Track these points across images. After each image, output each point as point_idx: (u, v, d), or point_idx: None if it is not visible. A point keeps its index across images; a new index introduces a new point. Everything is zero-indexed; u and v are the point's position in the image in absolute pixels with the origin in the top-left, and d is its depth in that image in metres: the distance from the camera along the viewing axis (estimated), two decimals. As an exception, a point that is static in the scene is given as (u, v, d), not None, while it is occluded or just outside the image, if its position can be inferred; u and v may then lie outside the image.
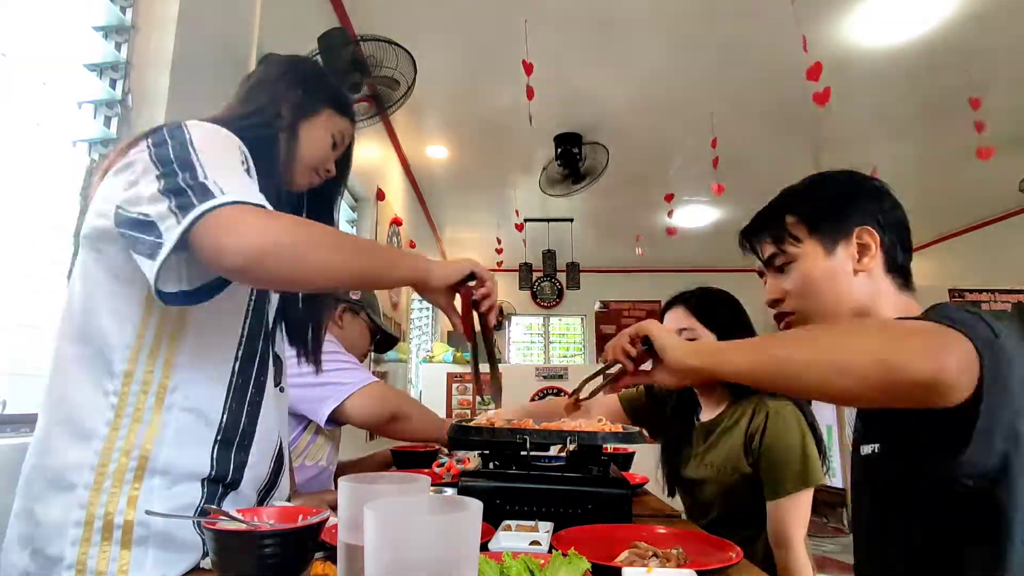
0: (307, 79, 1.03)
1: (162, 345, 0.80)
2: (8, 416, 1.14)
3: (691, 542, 0.89)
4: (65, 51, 1.33)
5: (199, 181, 0.71)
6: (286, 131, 0.97)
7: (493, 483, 1.06)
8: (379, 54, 2.41)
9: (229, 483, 0.84)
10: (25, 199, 1.26)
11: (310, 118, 1.01)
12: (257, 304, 0.91)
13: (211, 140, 0.79)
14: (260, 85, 1.01)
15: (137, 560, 0.73)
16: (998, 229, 5.67)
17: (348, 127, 1.08)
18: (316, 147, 1.02)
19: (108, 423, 0.76)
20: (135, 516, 0.74)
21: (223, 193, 0.70)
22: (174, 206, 0.70)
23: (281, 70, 1.03)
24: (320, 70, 1.11)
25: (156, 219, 0.71)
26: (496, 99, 3.65)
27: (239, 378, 0.87)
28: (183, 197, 0.70)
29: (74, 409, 0.77)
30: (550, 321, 8.05)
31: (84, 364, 0.78)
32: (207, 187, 0.71)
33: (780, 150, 4.30)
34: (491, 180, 5.03)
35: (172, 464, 0.78)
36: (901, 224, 0.94)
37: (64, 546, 0.72)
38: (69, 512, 0.73)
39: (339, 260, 0.77)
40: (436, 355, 5.62)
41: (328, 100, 1.04)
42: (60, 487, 0.74)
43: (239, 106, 0.98)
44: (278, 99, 0.98)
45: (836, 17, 2.88)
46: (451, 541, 0.42)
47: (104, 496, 0.74)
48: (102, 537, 0.73)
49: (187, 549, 0.78)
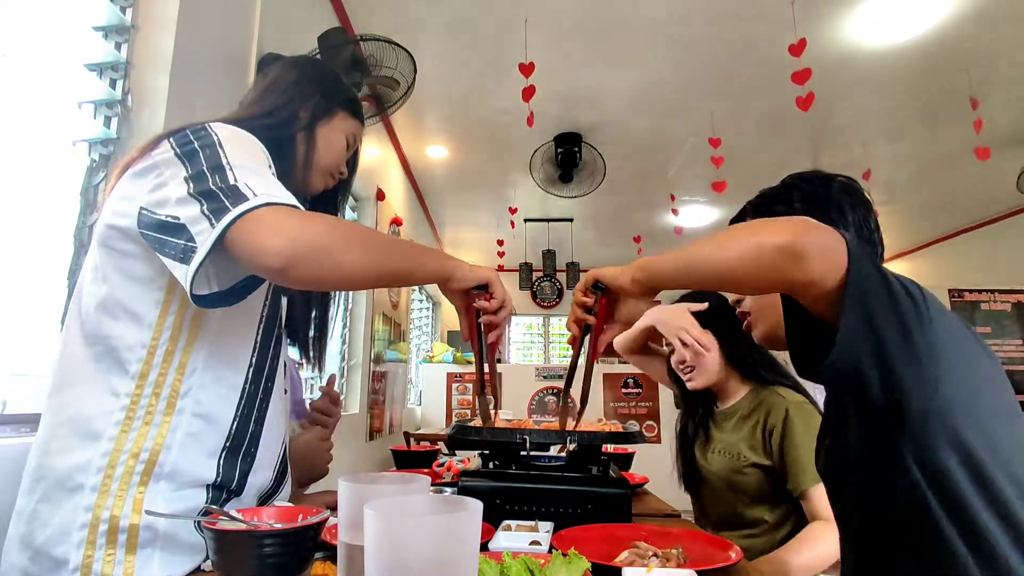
0: (323, 81, 1.03)
1: (177, 348, 0.80)
2: (8, 416, 1.14)
3: (691, 542, 0.89)
4: (65, 51, 1.33)
5: (231, 184, 0.71)
6: (304, 133, 0.97)
7: (493, 483, 1.06)
8: (379, 54, 2.41)
9: (233, 490, 0.83)
10: (25, 199, 1.26)
11: (326, 121, 1.01)
12: (271, 311, 0.91)
13: (238, 141, 0.79)
14: (276, 85, 1.00)
15: (142, 563, 0.73)
16: (997, 229, 5.67)
17: (359, 129, 1.08)
18: (333, 150, 1.02)
19: (118, 424, 0.75)
20: (140, 520, 0.74)
21: (255, 195, 0.70)
22: (207, 210, 0.70)
23: (297, 72, 1.02)
24: (335, 72, 1.11)
25: (187, 222, 0.71)
26: (496, 99, 3.65)
27: (251, 385, 0.87)
28: (216, 201, 0.70)
29: (82, 409, 0.76)
30: (550, 321, 8.05)
31: (94, 365, 0.77)
32: (239, 190, 0.71)
33: (780, 150, 4.31)
34: (491, 180, 5.04)
35: (179, 469, 0.77)
36: (863, 225, 0.91)
37: (69, 548, 0.71)
38: (75, 514, 0.73)
39: (374, 260, 0.77)
40: (436, 355, 5.62)
41: (342, 102, 1.04)
42: (66, 488, 0.73)
43: (256, 106, 0.97)
44: (295, 101, 0.98)
45: (836, 17, 2.89)
46: (451, 541, 0.42)
47: (110, 499, 0.73)
48: (107, 540, 0.72)
49: (191, 551, 0.78)
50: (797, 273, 0.67)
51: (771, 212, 0.96)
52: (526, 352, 8.11)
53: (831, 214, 0.90)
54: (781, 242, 0.67)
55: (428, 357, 5.71)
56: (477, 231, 6.38)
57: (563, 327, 8.07)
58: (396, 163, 4.41)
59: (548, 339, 8.07)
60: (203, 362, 0.81)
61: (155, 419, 0.77)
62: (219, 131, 0.79)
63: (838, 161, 4.36)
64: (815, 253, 0.67)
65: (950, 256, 6.28)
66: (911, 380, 0.68)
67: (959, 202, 5.39)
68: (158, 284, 0.78)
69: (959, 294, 4.95)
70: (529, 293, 7.47)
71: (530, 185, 4.59)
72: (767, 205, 0.98)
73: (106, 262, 0.80)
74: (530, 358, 8.00)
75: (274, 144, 0.88)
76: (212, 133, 0.78)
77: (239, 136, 0.81)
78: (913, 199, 5.27)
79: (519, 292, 7.14)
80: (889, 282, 0.69)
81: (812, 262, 0.66)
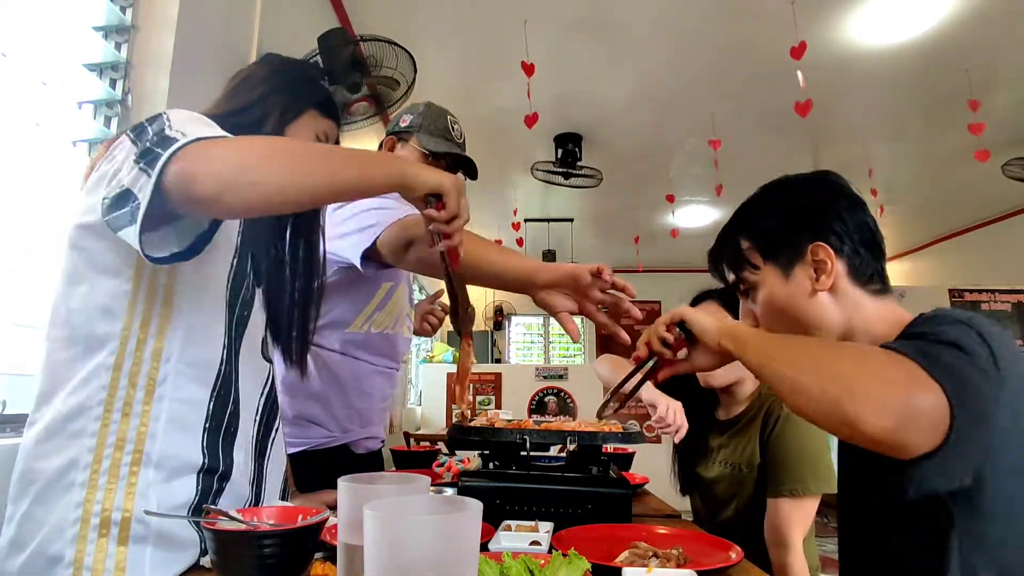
0: (293, 82, 1.03)
1: (149, 336, 0.80)
2: (8, 416, 1.14)
3: (691, 542, 0.89)
4: (65, 51, 1.33)
5: (164, 136, 0.71)
6: (271, 131, 0.97)
7: (493, 483, 1.06)
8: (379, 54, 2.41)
9: (222, 474, 0.84)
10: (25, 199, 1.26)
11: (295, 120, 1.00)
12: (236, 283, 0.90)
13: (189, 119, 0.79)
14: (247, 84, 1.01)
15: (135, 558, 0.73)
16: (998, 229, 5.67)
17: (332, 128, 1.07)
18: None
19: (98, 419, 0.76)
20: (133, 512, 0.74)
21: (185, 136, 0.70)
22: (143, 165, 0.70)
23: (268, 71, 1.03)
24: (308, 73, 1.10)
25: (130, 185, 0.71)
26: (496, 99, 3.65)
27: (226, 366, 0.87)
28: (150, 155, 0.70)
29: (64, 409, 0.76)
30: (550, 321, 8.04)
31: (73, 364, 0.78)
32: (170, 137, 0.71)
33: (780, 150, 4.31)
34: (491, 180, 5.03)
35: (165, 455, 0.78)
36: (864, 226, 0.87)
37: (64, 545, 0.72)
38: (68, 511, 0.73)
39: (312, 171, 0.75)
40: (436, 355, 5.62)
41: (313, 103, 1.03)
42: (59, 487, 0.74)
43: (224, 103, 0.98)
44: (264, 100, 0.98)
45: (836, 17, 2.88)
46: (451, 541, 0.42)
47: (100, 492, 0.74)
48: (99, 534, 0.72)
49: (185, 547, 0.78)
50: (897, 455, 0.66)
51: (760, 231, 0.92)
52: (526, 352, 8.10)
53: (833, 225, 0.87)
54: (876, 435, 0.64)
55: (428, 357, 5.71)
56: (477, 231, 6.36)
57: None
58: (396, 163, 4.40)
59: (548, 339, 8.06)
60: (178, 347, 0.81)
61: (135, 409, 0.77)
62: (172, 112, 0.78)
63: (838, 161, 4.36)
64: (926, 439, 0.64)
65: (950, 256, 6.27)
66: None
67: (959, 202, 5.38)
68: (127, 275, 0.79)
69: (959, 294, 4.96)
70: (529, 293, 7.46)
71: (530, 185, 4.59)
72: (754, 223, 0.93)
73: (78, 263, 0.80)
74: (530, 358, 8.00)
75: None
76: (164, 114, 0.78)
77: (192, 116, 0.80)
78: (913, 199, 5.27)
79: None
80: (997, 385, 0.67)
81: (919, 448, 0.65)
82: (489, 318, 7.40)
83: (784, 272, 0.89)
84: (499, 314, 7.44)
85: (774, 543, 1.33)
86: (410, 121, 1.49)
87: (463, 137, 1.56)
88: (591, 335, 7.67)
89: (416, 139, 1.47)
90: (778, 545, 1.32)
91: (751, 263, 0.93)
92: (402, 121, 1.50)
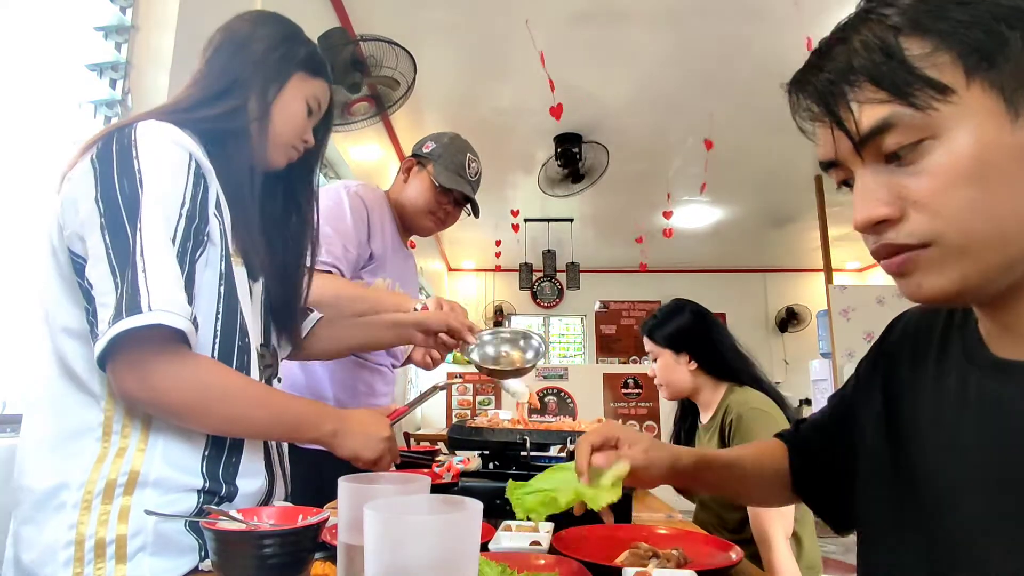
0: (269, 49, 0.91)
1: None
2: (8, 416, 1.14)
3: (691, 542, 0.89)
4: (65, 51, 1.33)
5: (133, 283, 0.68)
6: (256, 116, 0.87)
7: (493, 483, 1.06)
8: (379, 54, 2.41)
9: (224, 496, 0.81)
10: (25, 199, 1.26)
11: (279, 95, 0.90)
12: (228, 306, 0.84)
13: (159, 182, 0.74)
14: (214, 65, 0.90)
15: (133, 571, 0.71)
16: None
17: (323, 89, 0.97)
18: (291, 123, 0.92)
19: (98, 440, 0.74)
20: (128, 529, 0.72)
21: (149, 309, 0.67)
22: (107, 300, 0.69)
23: (235, 46, 0.91)
24: (281, 31, 0.95)
25: (96, 296, 0.71)
26: (496, 99, 3.65)
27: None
28: (114, 295, 0.69)
29: (57, 429, 0.74)
30: (550, 321, 8.05)
31: (63, 383, 0.76)
32: (137, 297, 0.68)
33: (780, 150, 4.30)
34: (491, 180, 5.02)
35: (163, 478, 0.75)
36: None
37: (56, 568, 0.70)
38: (59, 532, 0.71)
39: (248, 418, 0.80)
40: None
41: (297, 66, 0.93)
42: (48, 508, 0.72)
43: (198, 92, 0.88)
44: (241, 85, 0.88)
45: (836, 17, 2.87)
46: (451, 541, 0.42)
47: (93, 515, 0.71)
48: (96, 555, 0.70)
49: (183, 552, 0.76)
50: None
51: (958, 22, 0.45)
52: (526, 352, 8.10)
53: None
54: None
55: (428, 357, 5.70)
56: (477, 231, 6.37)
57: (563, 327, 8.07)
58: (396, 163, 4.41)
59: (548, 339, 8.07)
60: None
61: (133, 433, 0.75)
62: (143, 159, 0.74)
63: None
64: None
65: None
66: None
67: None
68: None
69: (959, 294, 4.94)
70: (529, 293, 7.47)
71: (530, 185, 4.59)
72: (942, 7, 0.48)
73: (51, 275, 0.77)
74: (530, 358, 7.99)
75: (224, 135, 0.84)
76: (135, 160, 0.73)
77: (162, 172, 0.75)
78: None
79: (519, 292, 7.15)
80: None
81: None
82: (489, 318, 7.40)
83: (1010, 103, 0.46)
84: (499, 314, 7.44)
85: (760, 542, 1.35)
86: (431, 149, 1.58)
87: (478, 175, 1.67)
88: (591, 335, 7.68)
89: (432, 167, 1.56)
90: (760, 543, 1.34)
91: (938, 84, 0.46)
92: (425, 146, 1.57)
